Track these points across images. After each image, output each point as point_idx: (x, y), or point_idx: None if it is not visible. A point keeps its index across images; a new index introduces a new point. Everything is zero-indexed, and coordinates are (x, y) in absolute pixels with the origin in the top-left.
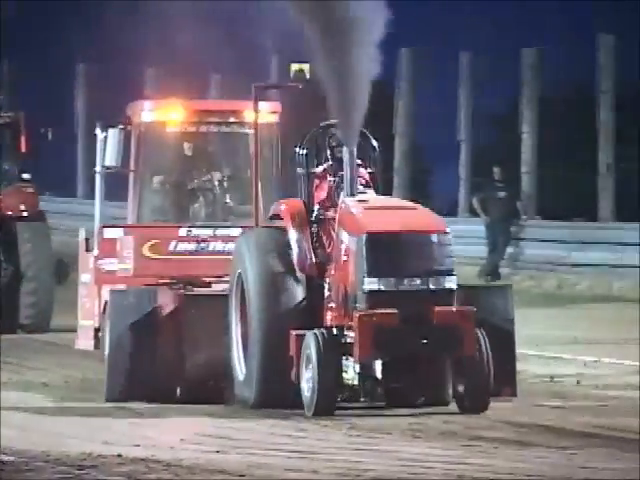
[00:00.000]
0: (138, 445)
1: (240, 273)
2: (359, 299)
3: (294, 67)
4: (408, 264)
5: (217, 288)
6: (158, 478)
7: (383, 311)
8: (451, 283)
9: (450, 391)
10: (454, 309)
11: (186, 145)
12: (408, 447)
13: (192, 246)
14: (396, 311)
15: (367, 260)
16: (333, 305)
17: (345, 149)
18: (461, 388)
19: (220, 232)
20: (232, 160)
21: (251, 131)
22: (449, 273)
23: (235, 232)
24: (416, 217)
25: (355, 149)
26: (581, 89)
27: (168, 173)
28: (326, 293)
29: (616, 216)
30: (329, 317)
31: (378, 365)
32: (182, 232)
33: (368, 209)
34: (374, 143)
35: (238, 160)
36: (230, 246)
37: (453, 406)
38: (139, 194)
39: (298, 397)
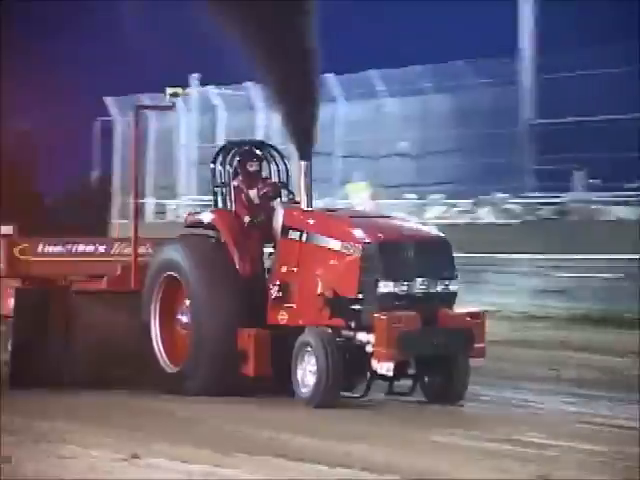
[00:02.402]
0: None
1: (169, 275)
2: (368, 302)
3: (169, 90)
4: (418, 269)
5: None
6: None
7: (406, 314)
8: (455, 287)
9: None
10: (470, 312)
11: None
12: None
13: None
14: (417, 314)
15: (381, 266)
16: (294, 306)
17: (303, 163)
18: (440, 381)
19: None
20: None
21: None
22: (453, 277)
23: None
24: (411, 226)
25: (311, 163)
26: None
27: None
28: (274, 294)
29: None
30: (284, 317)
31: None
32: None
33: (356, 218)
34: (283, 157)
35: None
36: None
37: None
38: None
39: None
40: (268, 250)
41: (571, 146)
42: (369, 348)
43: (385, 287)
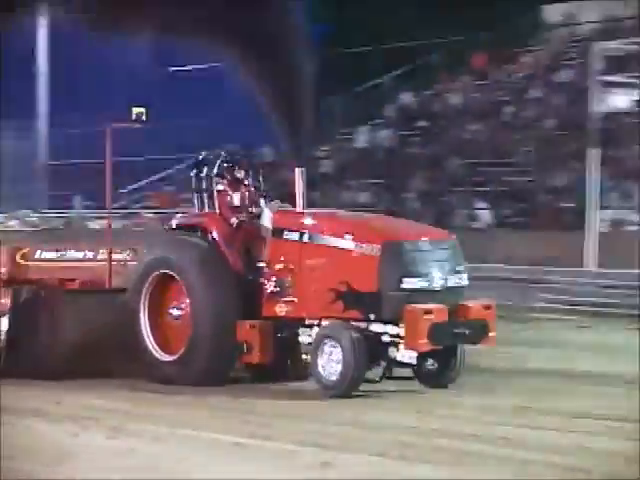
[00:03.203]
0: None
1: (161, 273)
2: (390, 296)
3: (135, 110)
4: (436, 265)
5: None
6: None
7: (436, 306)
8: (466, 280)
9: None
10: (484, 304)
11: None
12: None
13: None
14: (445, 306)
15: (403, 263)
16: (295, 300)
17: (297, 170)
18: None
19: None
20: None
21: None
22: (463, 271)
23: None
24: (422, 226)
25: (305, 170)
26: None
27: None
28: (271, 289)
29: None
30: (283, 309)
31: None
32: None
33: (369, 219)
34: (256, 166)
35: None
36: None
37: None
38: None
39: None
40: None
41: (74, 179)
42: (385, 338)
43: (408, 283)
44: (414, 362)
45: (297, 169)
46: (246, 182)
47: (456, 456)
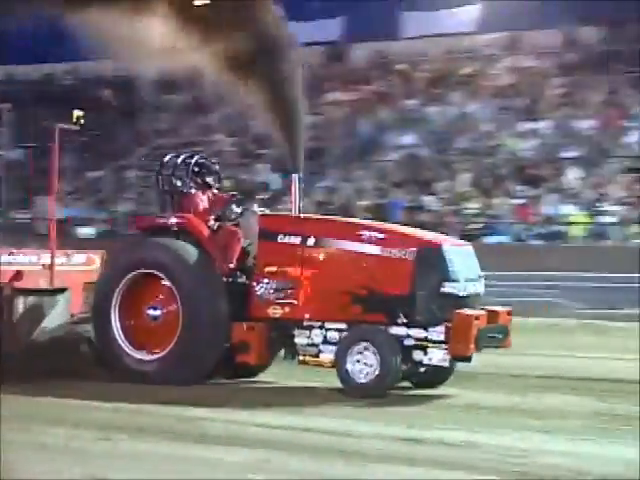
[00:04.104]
0: None
1: (139, 273)
2: (425, 301)
3: (76, 113)
4: (466, 271)
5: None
6: None
7: (481, 312)
8: (483, 287)
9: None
10: (507, 310)
11: None
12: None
13: None
14: (486, 312)
15: (445, 268)
16: (295, 302)
17: (294, 175)
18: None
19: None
20: None
21: None
22: (481, 278)
23: None
24: (441, 235)
25: (300, 176)
26: None
27: None
28: (262, 291)
29: None
30: (278, 311)
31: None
32: None
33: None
34: (216, 170)
35: None
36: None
37: None
38: None
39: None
40: None
41: None
42: (409, 341)
43: (447, 287)
44: (446, 365)
45: (293, 175)
46: (214, 185)
47: None
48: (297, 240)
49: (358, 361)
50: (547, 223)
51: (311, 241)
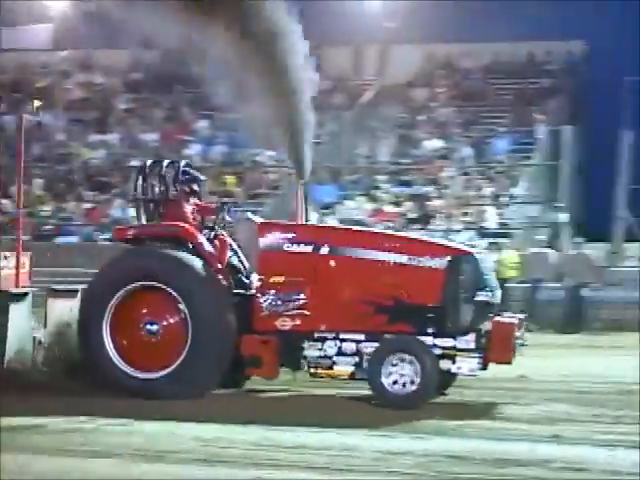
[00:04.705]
0: None
1: (139, 285)
2: (463, 310)
3: (35, 103)
4: (493, 279)
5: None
6: None
7: (519, 320)
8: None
9: None
10: (524, 318)
11: None
12: None
13: None
14: (518, 319)
15: (480, 276)
16: (307, 312)
17: (300, 182)
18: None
19: None
20: None
21: None
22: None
23: None
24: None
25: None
26: None
27: None
28: (268, 303)
29: None
30: (287, 323)
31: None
32: None
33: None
34: (201, 178)
35: None
36: None
37: None
38: None
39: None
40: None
41: None
42: (437, 351)
43: (481, 295)
44: (475, 374)
45: (300, 181)
46: (200, 193)
47: None
48: (308, 249)
49: (391, 373)
50: (115, 225)
51: (325, 250)
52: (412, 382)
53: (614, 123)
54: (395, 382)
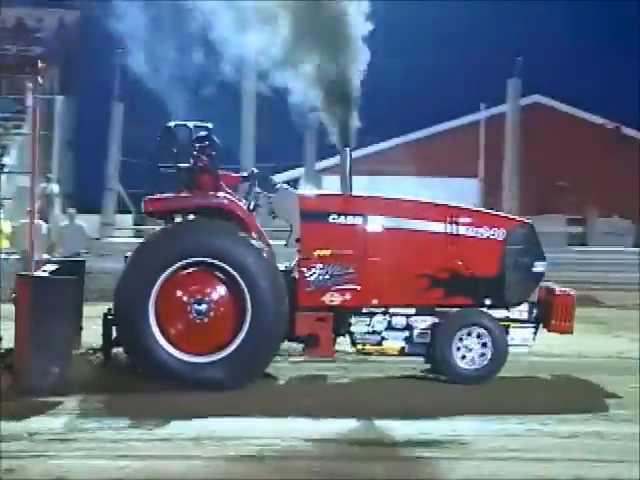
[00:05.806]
0: None
1: (192, 262)
2: (522, 281)
3: None
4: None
5: None
6: None
7: (571, 291)
8: None
9: None
10: None
11: None
12: None
13: None
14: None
15: (538, 248)
16: (358, 288)
17: (345, 149)
18: None
19: None
20: None
21: None
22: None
23: None
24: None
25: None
26: None
27: None
28: (315, 277)
29: None
30: (336, 298)
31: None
32: None
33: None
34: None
35: None
36: None
37: None
38: None
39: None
40: None
41: None
42: None
43: (538, 266)
44: (530, 344)
45: (344, 149)
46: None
47: None
48: (357, 220)
49: (459, 348)
50: None
51: (375, 221)
52: (482, 355)
53: (105, 95)
54: (464, 357)
